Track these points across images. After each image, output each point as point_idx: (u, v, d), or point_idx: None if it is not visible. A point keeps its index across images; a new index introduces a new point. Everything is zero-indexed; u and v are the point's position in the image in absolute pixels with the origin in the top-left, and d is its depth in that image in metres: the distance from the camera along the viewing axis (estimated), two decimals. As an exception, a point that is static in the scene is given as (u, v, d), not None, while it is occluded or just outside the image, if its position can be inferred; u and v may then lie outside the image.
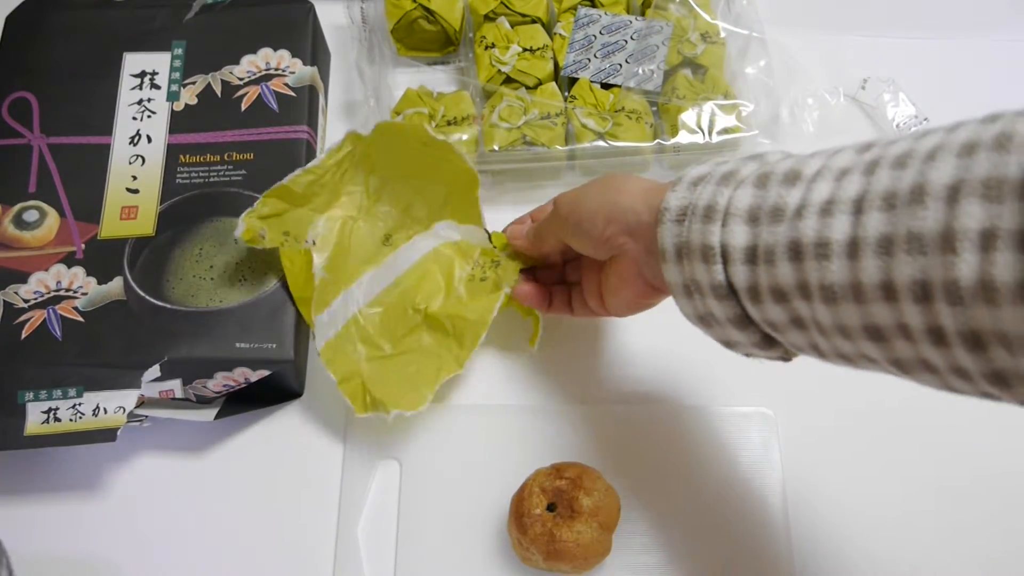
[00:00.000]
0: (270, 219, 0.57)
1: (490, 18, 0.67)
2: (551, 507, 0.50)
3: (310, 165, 0.59)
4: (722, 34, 0.67)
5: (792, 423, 0.57)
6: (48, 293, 0.56)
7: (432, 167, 0.60)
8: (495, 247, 0.60)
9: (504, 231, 0.59)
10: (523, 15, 0.67)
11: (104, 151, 0.61)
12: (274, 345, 0.55)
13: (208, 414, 0.54)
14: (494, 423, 0.57)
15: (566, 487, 0.50)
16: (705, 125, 0.63)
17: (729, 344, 0.43)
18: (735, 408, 0.57)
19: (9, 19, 0.66)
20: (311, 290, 0.56)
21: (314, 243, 0.59)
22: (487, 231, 0.60)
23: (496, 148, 0.62)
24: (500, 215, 0.60)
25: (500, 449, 0.56)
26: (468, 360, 0.55)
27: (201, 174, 0.60)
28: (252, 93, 0.63)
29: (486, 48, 0.66)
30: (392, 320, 0.58)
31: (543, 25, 0.67)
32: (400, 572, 0.53)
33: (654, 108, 0.66)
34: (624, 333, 0.61)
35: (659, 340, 0.61)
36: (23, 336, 0.55)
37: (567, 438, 0.56)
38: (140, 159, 0.61)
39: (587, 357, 0.60)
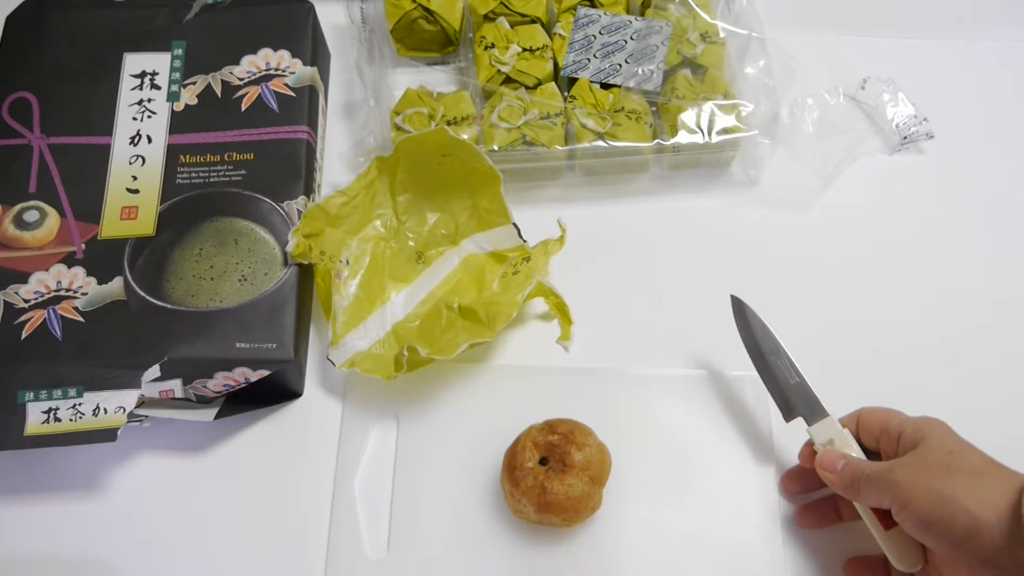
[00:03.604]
0: (311, 238, 0.58)
1: (490, 18, 0.67)
2: (543, 461, 0.51)
3: (342, 187, 0.60)
4: (722, 34, 0.67)
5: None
6: (48, 293, 0.56)
7: (454, 178, 0.61)
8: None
9: (813, 446, 0.51)
10: (523, 15, 0.67)
11: (104, 151, 0.61)
12: (274, 345, 0.55)
13: (208, 414, 0.54)
14: (490, 381, 0.58)
15: (558, 442, 0.51)
16: (705, 125, 0.63)
17: None
18: (727, 372, 0.58)
19: (9, 19, 0.66)
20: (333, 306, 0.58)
21: (348, 263, 0.60)
22: (515, 225, 0.60)
23: (496, 148, 0.62)
24: (500, 215, 0.60)
25: (495, 406, 0.57)
26: (497, 332, 0.56)
27: (201, 174, 0.60)
28: (252, 93, 0.63)
29: (486, 48, 0.66)
30: (429, 325, 0.59)
31: (543, 25, 0.67)
32: (395, 524, 0.53)
33: (654, 108, 0.66)
34: (619, 299, 0.62)
35: (654, 306, 0.61)
36: (23, 336, 0.55)
37: (562, 397, 0.57)
38: (140, 159, 0.61)
39: (582, 322, 0.60)
